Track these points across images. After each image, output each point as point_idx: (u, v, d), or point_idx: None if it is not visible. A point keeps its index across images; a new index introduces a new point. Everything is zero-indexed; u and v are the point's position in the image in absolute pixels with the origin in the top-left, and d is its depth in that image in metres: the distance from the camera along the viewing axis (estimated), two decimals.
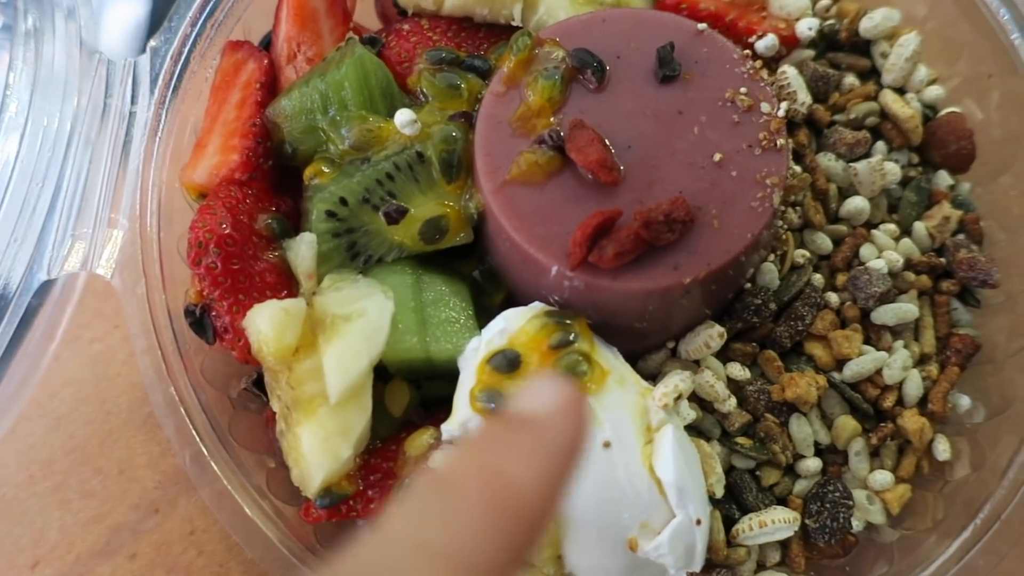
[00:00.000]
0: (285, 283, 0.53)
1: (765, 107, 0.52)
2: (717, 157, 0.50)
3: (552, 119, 0.52)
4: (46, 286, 0.56)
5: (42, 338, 0.60)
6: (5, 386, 0.58)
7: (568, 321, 0.50)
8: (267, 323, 0.49)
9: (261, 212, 0.54)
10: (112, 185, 0.55)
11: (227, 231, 0.51)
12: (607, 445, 0.48)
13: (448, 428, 0.50)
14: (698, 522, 0.48)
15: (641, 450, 0.49)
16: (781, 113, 0.52)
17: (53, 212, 0.54)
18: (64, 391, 0.63)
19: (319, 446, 0.49)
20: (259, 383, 0.56)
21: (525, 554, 0.28)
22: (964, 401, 0.55)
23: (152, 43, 0.56)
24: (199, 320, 0.53)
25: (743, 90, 0.52)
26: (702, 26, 0.54)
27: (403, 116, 0.53)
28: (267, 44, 0.60)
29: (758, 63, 0.53)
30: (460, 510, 0.27)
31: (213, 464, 0.49)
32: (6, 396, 0.58)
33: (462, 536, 0.26)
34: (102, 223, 0.54)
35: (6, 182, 0.54)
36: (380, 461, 0.52)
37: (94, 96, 0.57)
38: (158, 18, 0.87)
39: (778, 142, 0.51)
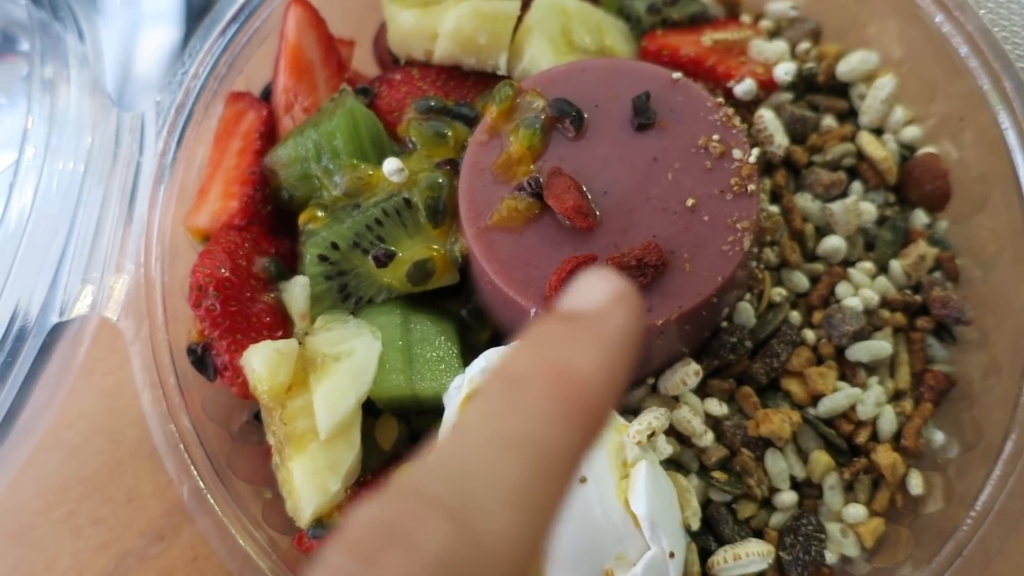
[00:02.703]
0: (280, 323, 0.56)
1: (737, 153, 0.54)
2: (690, 202, 0.53)
3: (532, 166, 0.54)
4: (63, 323, 0.60)
5: (59, 373, 0.63)
6: (23, 418, 0.61)
7: None
8: (261, 363, 0.52)
9: (259, 255, 0.57)
10: (120, 231, 0.58)
11: (226, 275, 0.54)
12: (583, 481, 0.50)
13: None
14: (671, 555, 0.50)
15: (617, 485, 0.50)
16: (752, 159, 0.53)
17: (65, 256, 0.57)
18: (78, 423, 0.67)
19: (309, 480, 0.52)
20: (260, 416, 0.59)
21: (594, 441, 0.29)
22: (938, 436, 0.56)
23: (157, 97, 0.60)
24: (200, 358, 0.56)
25: (716, 137, 0.54)
26: (677, 75, 0.56)
27: (390, 165, 0.55)
28: (267, 94, 0.63)
29: (731, 110, 0.55)
30: (533, 402, 0.28)
31: (210, 498, 0.52)
32: (24, 428, 0.62)
33: (538, 425, 0.28)
34: (110, 268, 0.57)
35: (23, 226, 0.58)
36: (370, 493, 0.54)
37: (105, 146, 0.61)
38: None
39: (749, 188, 0.53)
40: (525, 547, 0.26)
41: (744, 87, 0.60)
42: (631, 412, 0.56)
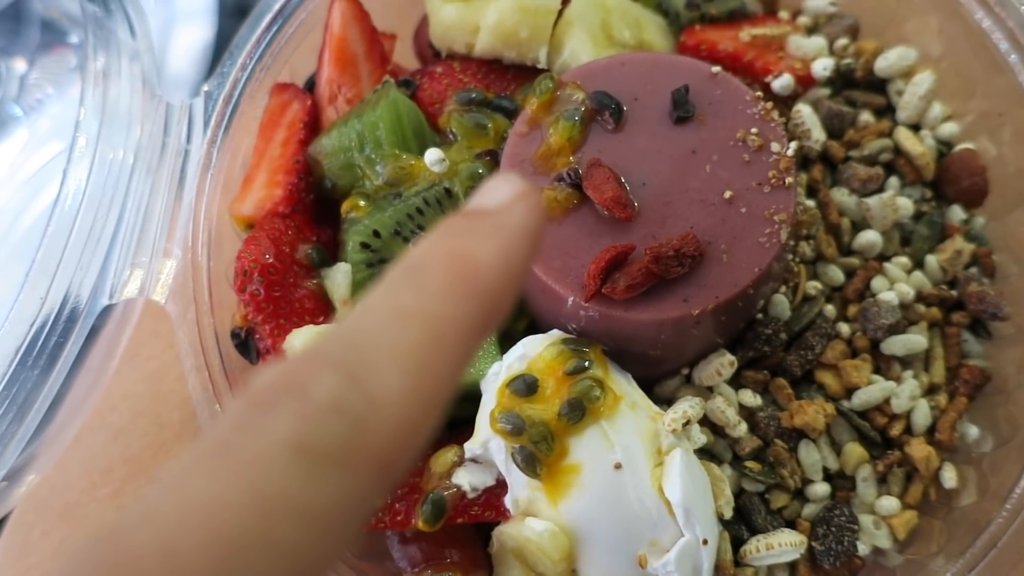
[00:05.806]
0: (322, 309, 0.57)
1: (775, 146, 0.54)
2: (728, 194, 0.53)
3: (571, 158, 0.55)
4: (108, 308, 0.62)
5: (104, 356, 0.65)
6: (70, 399, 0.63)
7: (584, 349, 0.53)
8: (304, 345, 0.53)
9: (302, 243, 0.59)
10: (168, 217, 0.60)
11: (270, 261, 0.56)
12: (618, 467, 0.50)
13: (471, 447, 0.54)
14: (704, 542, 0.50)
15: (651, 472, 0.51)
16: (790, 152, 0.54)
17: (115, 242, 0.59)
18: (123, 405, 0.69)
19: None
20: None
21: (492, 321, 0.31)
22: (972, 431, 0.56)
23: (205, 87, 0.61)
24: (244, 342, 0.58)
25: (754, 130, 0.54)
26: (716, 69, 0.56)
27: (432, 155, 0.56)
28: (311, 85, 0.64)
29: (769, 104, 0.56)
30: (430, 281, 0.30)
31: None
32: (71, 408, 0.64)
33: (432, 301, 0.29)
34: (158, 253, 0.59)
35: (75, 212, 0.59)
36: (407, 476, 0.55)
37: (154, 135, 0.62)
38: (223, 39, 0.93)
39: (787, 180, 0.53)
40: (415, 408, 0.28)
41: (782, 82, 0.61)
42: (665, 401, 0.56)
